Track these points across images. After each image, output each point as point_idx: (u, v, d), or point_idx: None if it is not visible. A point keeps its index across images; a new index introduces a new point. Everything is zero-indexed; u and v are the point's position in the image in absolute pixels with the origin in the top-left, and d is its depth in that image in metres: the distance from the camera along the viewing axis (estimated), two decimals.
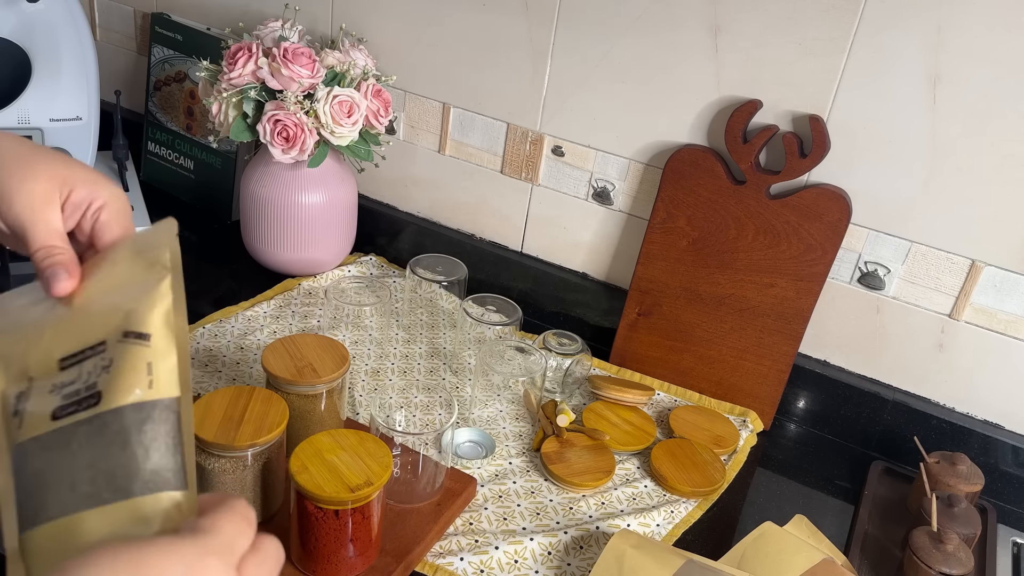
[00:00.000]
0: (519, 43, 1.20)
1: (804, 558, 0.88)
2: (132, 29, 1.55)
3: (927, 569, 0.90)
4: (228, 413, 0.84)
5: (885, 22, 0.98)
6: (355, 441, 0.83)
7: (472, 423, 1.08)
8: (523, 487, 1.00)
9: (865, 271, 1.10)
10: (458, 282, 1.26)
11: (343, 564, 0.82)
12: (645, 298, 1.19)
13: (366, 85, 1.20)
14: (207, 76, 1.21)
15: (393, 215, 1.40)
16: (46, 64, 1.28)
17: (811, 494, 1.07)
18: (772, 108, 1.07)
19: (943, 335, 1.09)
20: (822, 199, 1.05)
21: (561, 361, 1.14)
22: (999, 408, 1.09)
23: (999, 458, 1.09)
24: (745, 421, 1.15)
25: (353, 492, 0.77)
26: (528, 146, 1.25)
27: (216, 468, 0.83)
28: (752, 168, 1.08)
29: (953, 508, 0.96)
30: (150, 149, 1.53)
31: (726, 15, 1.06)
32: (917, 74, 0.99)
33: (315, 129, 1.17)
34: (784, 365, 1.13)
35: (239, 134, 1.18)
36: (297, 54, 1.14)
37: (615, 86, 1.16)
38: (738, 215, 1.10)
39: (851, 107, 1.03)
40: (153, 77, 1.49)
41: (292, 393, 0.91)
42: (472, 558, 0.89)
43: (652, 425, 1.10)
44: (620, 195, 1.22)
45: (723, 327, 1.15)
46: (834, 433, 1.17)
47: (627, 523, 0.96)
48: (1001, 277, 1.03)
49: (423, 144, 1.34)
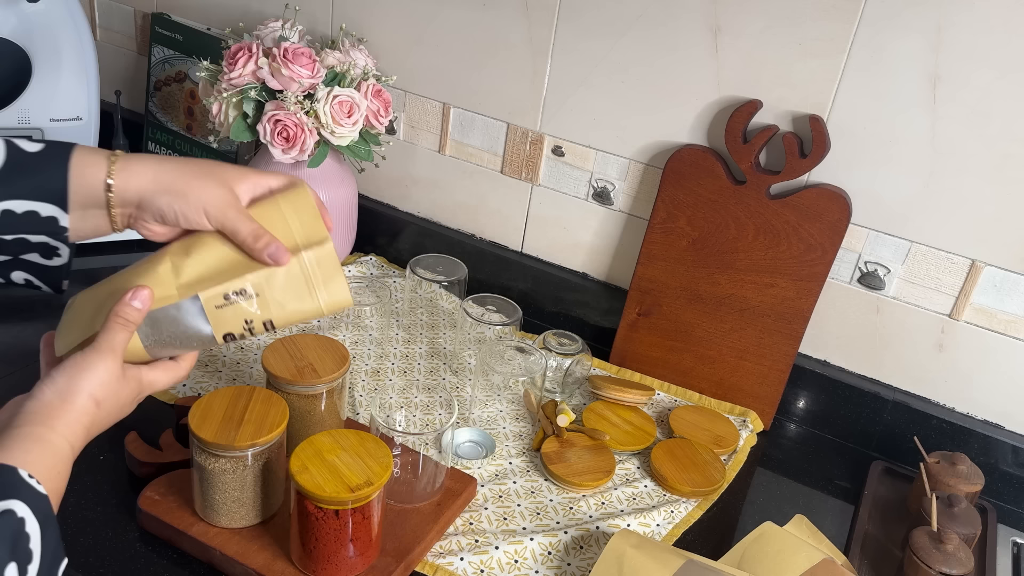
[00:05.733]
0: (519, 43, 1.20)
1: (804, 558, 0.88)
2: (132, 29, 1.55)
3: (927, 569, 0.90)
4: (228, 413, 0.84)
5: (885, 22, 0.98)
6: (355, 441, 0.83)
7: (472, 423, 1.08)
8: (523, 487, 1.00)
9: (865, 271, 1.10)
10: (458, 282, 1.26)
11: (343, 564, 0.82)
12: (645, 298, 1.19)
13: (366, 85, 1.20)
14: (207, 76, 1.21)
15: (393, 215, 1.40)
16: (46, 64, 1.28)
17: (811, 494, 1.07)
18: (772, 108, 1.07)
19: (943, 335, 1.09)
20: (822, 199, 1.05)
21: (561, 361, 1.14)
22: (999, 408, 1.09)
23: (999, 458, 1.09)
24: (745, 421, 1.15)
25: (353, 492, 0.77)
26: (528, 146, 1.25)
27: (216, 468, 0.83)
28: (752, 168, 1.08)
29: (953, 508, 0.96)
30: (150, 149, 1.53)
31: (726, 15, 1.06)
32: (917, 74, 0.99)
33: (315, 129, 1.17)
34: (784, 365, 1.13)
35: (239, 134, 1.18)
36: (297, 54, 1.14)
37: (615, 86, 1.16)
38: (738, 215, 1.10)
39: (851, 107, 1.03)
40: (153, 77, 1.49)
41: (292, 393, 0.91)
42: (472, 558, 0.89)
43: (652, 425, 1.10)
44: (620, 195, 1.22)
45: (723, 327, 1.15)
46: (834, 433, 1.17)
47: (627, 523, 0.96)
48: (1001, 277, 1.03)
49: (423, 144, 1.34)
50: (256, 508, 0.86)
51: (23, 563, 0.56)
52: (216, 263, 0.71)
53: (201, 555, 0.86)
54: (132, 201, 0.71)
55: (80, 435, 0.66)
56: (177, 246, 0.72)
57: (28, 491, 0.58)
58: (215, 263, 0.71)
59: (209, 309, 0.70)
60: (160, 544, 0.87)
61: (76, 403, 0.66)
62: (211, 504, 0.85)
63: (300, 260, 0.71)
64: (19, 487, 0.58)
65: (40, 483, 0.60)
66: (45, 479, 0.60)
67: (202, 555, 0.86)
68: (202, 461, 0.83)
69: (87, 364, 0.67)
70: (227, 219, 0.71)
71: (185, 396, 1.05)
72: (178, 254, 0.71)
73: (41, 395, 0.66)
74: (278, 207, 0.73)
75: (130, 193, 0.70)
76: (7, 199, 0.68)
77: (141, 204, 0.71)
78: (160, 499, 0.88)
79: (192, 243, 0.72)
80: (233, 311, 0.70)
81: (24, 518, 0.57)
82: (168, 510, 0.87)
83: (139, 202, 0.71)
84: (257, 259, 0.71)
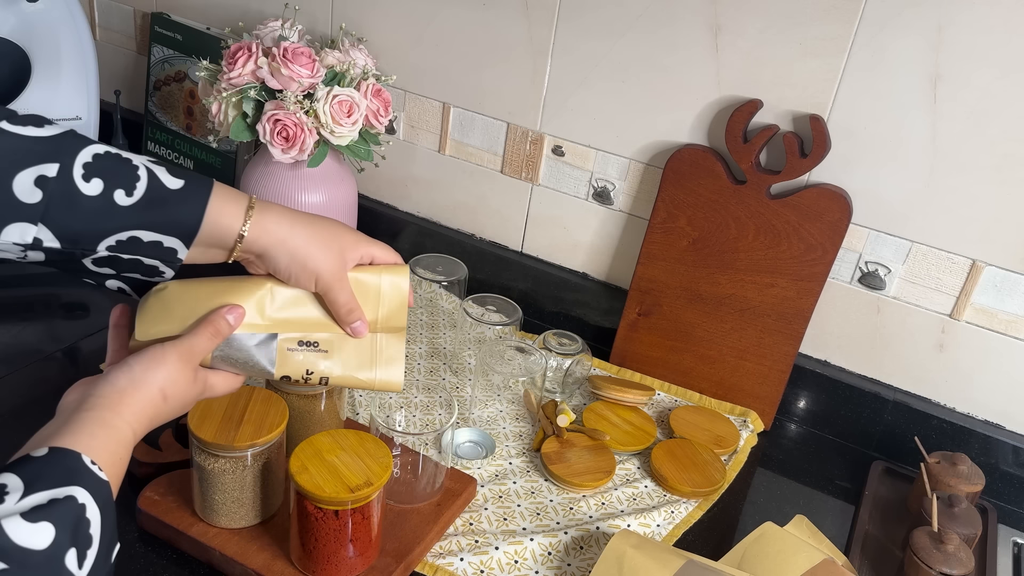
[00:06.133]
0: (519, 43, 1.20)
1: (804, 558, 0.88)
2: (132, 29, 1.55)
3: (927, 569, 0.89)
4: (228, 413, 0.84)
5: (886, 21, 0.98)
6: (355, 441, 0.82)
7: (472, 423, 1.08)
8: (523, 487, 1.00)
9: (866, 271, 1.10)
10: (458, 282, 1.25)
11: (343, 564, 0.81)
12: (645, 298, 1.19)
13: (366, 85, 1.20)
14: (207, 76, 1.21)
15: (393, 215, 1.40)
16: (46, 64, 1.28)
17: (811, 494, 1.07)
18: (772, 108, 1.07)
19: (944, 335, 1.09)
20: (822, 199, 1.05)
21: (561, 361, 1.13)
22: (1000, 408, 1.09)
23: (1000, 458, 1.08)
24: (745, 421, 1.14)
25: (353, 492, 0.77)
26: (528, 146, 1.25)
27: (216, 468, 0.83)
28: (752, 168, 1.08)
29: (954, 508, 0.96)
30: (150, 149, 1.53)
31: (727, 14, 1.06)
32: (918, 74, 0.99)
33: (315, 129, 1.17)
34: (784, 365, 1.13)
35: (239, 134, 1.18)
36: (297, 54, 1.14)
37: (615, 86, 1.16)
38: (738, 215, 1.10)
39: (852, 107, 1.03)
40: (153, 77, 1.49)
41: (292, 393, 0.91)
42: (472, 558, 0.88)
43: (652, 425, 1.10)
44: (620, 195, 1.21)
45: (723, 327, 1.15)
46: (834, 433, 1.17)
47: (627, 523, 0.96)
48: (1002, 277, 1.03)
49: (423, 144, 1.34)
50: (256, 508, 0.86)
51: (83, 548, 0.57)
52: (304, 312, 0.78)
53: (200, 555, 0.86)
54: (255, 252, 0.75)
55: (144, 424, 0.68)
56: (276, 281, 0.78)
57: (90, 477, 0.60)
58: (303, 312, 0.78)
59: (281, 350, 0.76)
60: (159, 544, 0.87)
61: (146, 394, 0.68)
62: (211, 504, 0.85)
63: (374, 338, 0.79)
64: (82, 473, 0.60)
65: (102, 469, 0.61)
66: (107, 465, 0.62)
67: (201, 555, 0.85)
68: (202, 461, 0.83)
69: (166, 360, 0.70)
70: (331, 289, 0.77)
71: None
72: (276, 289, 0.77)
73: (115, 380, 0.68)
74: (378, 287, 0.80)
75: (257, 246, 0.75)
76: (138, 229, 0.70)
77: (262, 256, 0.76)
78: (159, 499, 0.88)
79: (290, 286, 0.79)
80: (300, 359, 0.77)
81: (85, 504, 0.58)
82: (167, 510, 0.87)
83: (261, 254, 0.75)
84: (341, 326, 0.78)
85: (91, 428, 0.63)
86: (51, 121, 0.69)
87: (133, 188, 0.69)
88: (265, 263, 0.76)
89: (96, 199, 0.68)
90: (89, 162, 0.68)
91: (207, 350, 0.73)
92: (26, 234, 0.66)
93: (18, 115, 0.67)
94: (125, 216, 0.69)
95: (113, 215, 0.68)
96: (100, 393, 0.67)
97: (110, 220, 0.68)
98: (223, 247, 0.74)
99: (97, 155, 0.68)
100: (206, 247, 0.74)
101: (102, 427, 0.64)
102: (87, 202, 0.67)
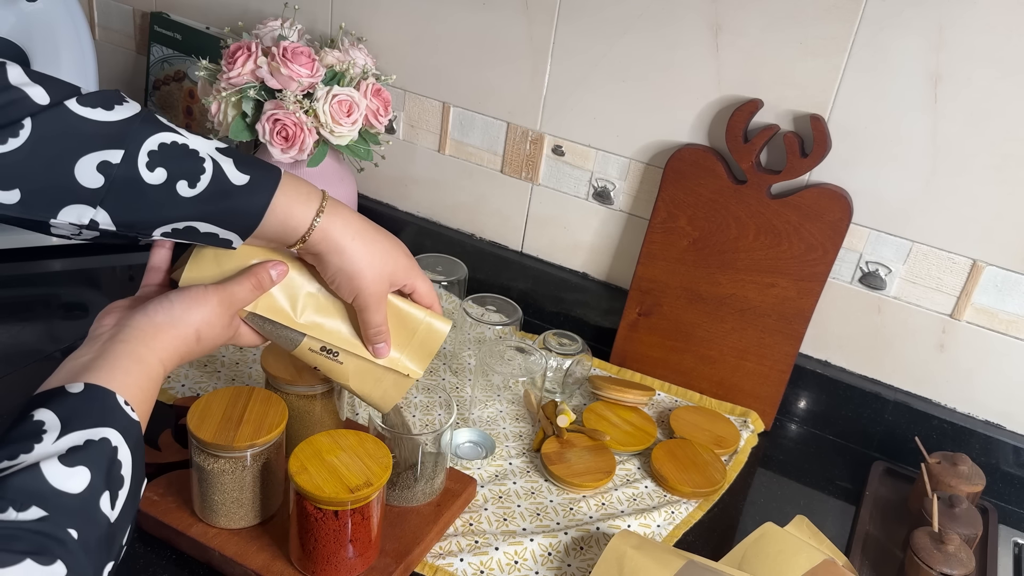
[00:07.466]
0: (519, 42, 1.20)
1: (805, 559, 0.88)
2: (131, 28, 1.55)
3: (928, 570, 0.89)
4: (227, 413, 0.84)
5: (886, 21, 0.98)
6: (354, 441, 0.82)
7: (472, 423, 1.08)
8: (523, 488, 0.99)
9: (866, 271, 1.10)
10: (458, 282, 1.25)
11: (343, 565, 0.81)
12: (645, 298, 1.19)
13: (366, 84, 1.19)
14: (206, 75, 1.21)
15: (393, 215, 1.39)
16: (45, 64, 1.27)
17: (812, 495, 1.07)
18: (773, 107, 1.07)
19: (944, 335, 1.09)
20: (823, 199, 1.05)
21: (561, 361, 1.13)
22: (1000, 408, 1.09)
23: (1000, 458, 1.08)
24: (746, 421, 1.14)
25: (352, 493, 0.77)
26: (528, 145, 1.25)
27: (215, 468, 0.82)
28: (753, 168, 1.07)
29: (954, 508, 0.95)
30: None
31: (727, 14, 1.06)
32: (918, 73, 0.99)
33: (314, 128, 1.16)
34: (785, 365, 1.13)
35: (238, 133, 1.18)
36: (296, 53, 1.14)
37: (615, 85, 1.16)
38: (739, 215, 1.10)
39: (852, 106, 1.03)
40: (152, 76, 1.49)
41: (291, 393, 0.91)
42: (472, 559, 0.88)
43: (652, 425, 1.10)
44: (620, 195, 1.21)
45: (724, 327, 1.15)
46: (835, 433, 1.17)
47: (627, 524, 0.96)
48: (1002, 277, 1.03)
49: (423, 144, 1.34)
50: (255, 509, 0.86)
51: (115, 490, 0.58)
52: (334, 319, 0.80)
53: (200, 556, 0.85)
54: (311, 252, 0.76)
55: (175, 361, 0.70)
56: (321, 282, 0.80)
57: (123, 418, 0.61)
58: (335, 324, 0.81)
59: (303, 347, 0.80)
60: (159, 544, 0.87)
61: (182, 332, 0.70)
62: (210, 505, 0.85)
63: (389, 363, 0.82)
64: (116, 414, 0.61)
65: (134, 410, 0.62)
66: (138, 403, 0.63)
67: (201, 556, 0.85)
68: (201, 461, 0.83)
69: (205, 300, 0.72)
70: (367, 309, 0.78)
71: (184, 396, 1.04)
72: (317, 295, 0.80)
73: (153, 315, 0.69)
74: (416, 327, 0.83)
75: (314, 249, 0.75)
76: (197, 220, 0.70)
77: (316, 257, 0.76)
78: (159, 499, 0.88)
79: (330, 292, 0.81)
80: (317, 360, 0.81)
81: (118, 446, 0.59)
82: (167, 510, 0.87)
83: (316, 255, 0.76)
84: (364, 343, 0.81)
85: (126, 364, 0.65)
86: (121, 98, 0.68)
87: (197, 180, 0.68)
88: (314, 261, 0.77)
89: (158, 189, 0.67)
90: (155, 150, 0.67)
91: (247, 300, 0.75)
92: (83, 216, 0.66)
93: (83, 93, 0.66)
94: (185, 207, 0.69)
95: (174, 205, 0.68)
96: (136, 325, 0.68)
97: (170, 210, 0.68)
98: (282, 242, 0.75)
99: (163, 144, 0.67)
100: (264, 240, 0.74)
101: (136, 363, 0.65)
102: (149, 191, 0.67)
